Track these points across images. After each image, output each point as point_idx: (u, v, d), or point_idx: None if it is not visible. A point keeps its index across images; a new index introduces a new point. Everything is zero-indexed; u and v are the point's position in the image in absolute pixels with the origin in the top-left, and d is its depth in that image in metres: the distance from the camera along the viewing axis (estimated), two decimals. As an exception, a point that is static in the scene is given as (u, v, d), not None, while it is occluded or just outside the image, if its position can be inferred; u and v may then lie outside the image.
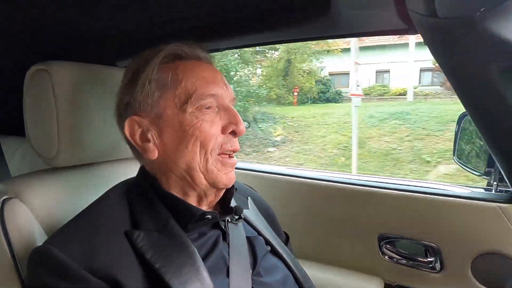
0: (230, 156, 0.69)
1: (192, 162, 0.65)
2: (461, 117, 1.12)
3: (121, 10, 0.97)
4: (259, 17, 0.99)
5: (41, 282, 0.56)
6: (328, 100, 12.45)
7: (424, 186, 1.11)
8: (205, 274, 0.59)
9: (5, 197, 0.73)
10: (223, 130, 0.67)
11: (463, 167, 1.17)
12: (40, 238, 0.71)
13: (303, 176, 1.28)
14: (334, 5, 0.81)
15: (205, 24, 1.10)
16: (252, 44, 1.17)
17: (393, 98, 12.00)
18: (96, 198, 0.69)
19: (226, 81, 0.71)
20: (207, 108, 0.66)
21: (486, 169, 1.01)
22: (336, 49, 12.24)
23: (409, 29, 0.84)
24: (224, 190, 0.72)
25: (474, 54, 0.72)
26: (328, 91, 12.87)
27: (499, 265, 0.93)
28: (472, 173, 1.10)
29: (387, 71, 13.14)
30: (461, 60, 0.75)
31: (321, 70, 13.30)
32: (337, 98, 12.56)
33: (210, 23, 1.09)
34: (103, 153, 0.91)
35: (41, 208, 0.76)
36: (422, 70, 12.55)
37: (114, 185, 0.72)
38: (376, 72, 13.34)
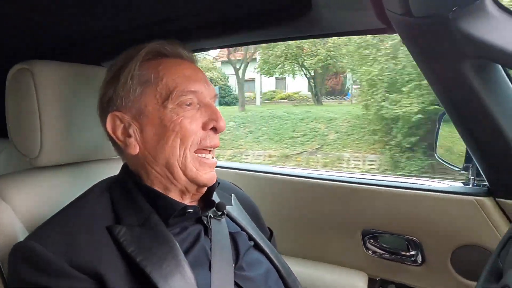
0: (210, 152, 0.70)
1: (172, 158, 0.66)
2: (441, 115, 1.15)
3: (107, 11, 0.97)
4: (242, 18, 1.00)
5: (23, 277, 0.56)
6: (226, 104, 15.67)
7: (405, 181, 1.14)
8: (186, 267, 0.60)
9: None
10: (204, 126, 0.68)
11: (444, 163, 1.21)
12: (22, 237, 0.71)
13: (288, 174, 1.30)
14: (315, 6, 0.83)
15: (189, 25, 1.11)
16: (236, 44, 1.19)
17: (278, 102, 15.22)
18: None
19: (208, 80, 0.73)
20: (188, 105, 0.67)
21: (464, 164, 1.05)
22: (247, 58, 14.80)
23: (387, 29, 0.86)
24: (206, 188, 0.73)
25: (448, 52, 0.75)
26: (228, 96, 16.18)
27: (477, 256, 0.96)
28: (452, 169, 1.14)
29: (284, 78, 15.83)
30: (436, 58, 0.78)
31: (228, 77, 16.45)
32: (234, 101, 15.53)
33: (195, 24, 1.10)
34: (86, 153, 0.91)
35: (23, 208, 0.76)
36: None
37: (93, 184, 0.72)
38: (276, 79, 16.15)
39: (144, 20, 1.08)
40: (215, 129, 0.69)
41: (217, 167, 0.75)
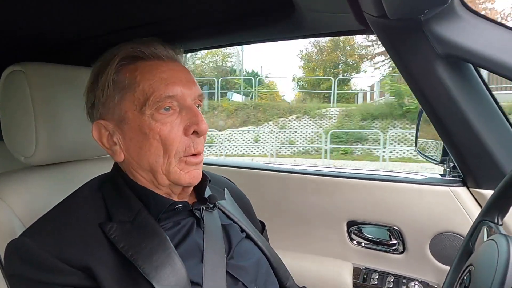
0: (196, 156, 0.68)
1: (155, 165, 0.65)
2: (421, 111, 1.21)
3: (94, 12, 0.99)
4: (230, 20, 1.04)
5: (17, 272, 0.59)
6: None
7: (385, 174, 1.20)
8: (176, 259, 0.61)
9: None
10: (185, 132, 0.66)
11: (424, 157, 1.27)
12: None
13: (274, 169, 1.34)
14: (298, 9, 0.87)
15: (177, 27, 1.14)
16: (224, 45, 1.23)
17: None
18: None
19: (191, 79, 0.70)
20: (167, 110, 0.64)
21: (442, 157, 1.11)
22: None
23: (366, 30, 0.91)
24: (192, 187, 0.73)
25: (421, 51, 0.81)
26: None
27: (452, 242, 1.02)
28: (431, 162, 1.20)
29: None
30: (411, 57, 0.83)
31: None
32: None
33: (183, 25, 1.13)
34: (80, 151, 0.94)
35: (21, 205, 0.78)
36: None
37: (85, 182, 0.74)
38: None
39: (132, 21, 1.11)
40: (197, 133, 0.66)
41: (206, 164, 0.77)
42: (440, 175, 1.13)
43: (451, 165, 1.07)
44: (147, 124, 0.64)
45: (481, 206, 0.98)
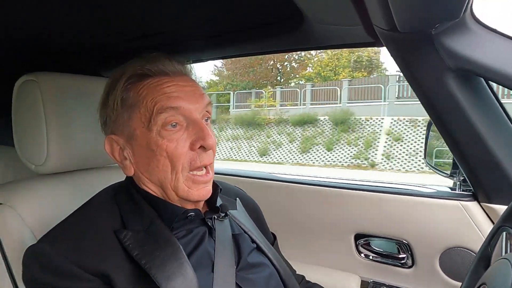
0: (204, 169, 0.69)
1: (164, 181, 0.67)
2: (430, 124, 1.20)
3: (101, 22, 1.01)
4: (237, 31, 1.05)
5: (34, 277, 0.60)
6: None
7: (395, 186, 1.19)
8: (188, 268, 0.62)
9: None
10: (192, 147, 0.66)
11: (433, 169, 1.26)
12: (30, 242, 0.73)
13: (284, 179, 1.34)
14: (308, 21, 0.88)
15: (186, 37, 1.15)
16: (234, 55, 1.24)
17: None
18: (83, 203, 0.71)
19: (199, 92, 0.69)
20: (173, 126, 0.65)
21: (452, 170, 1.10)
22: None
23: (376, 42, 0.91)
24: (203, 201, 0.74)
25: (431, 65, 0.81)
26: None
27: (463, 258, 1.01)
28: (441, 174, 1.19)
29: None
30: (421, 70, 0.83)
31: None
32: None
33: (191, 36, 1.14)
34: (89, 160, 0.94)
35: (30, 213, 0.79)
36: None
37: (99, 191, 0.75)
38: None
39: (140, 31, 1.12)
40: (204, 147, 0.66)
41: (216, 174, 0.77)
42: (450, 188, 1.11)
43: (461, 178, 1.06)
44: (154, 141, 0.65)
45: (492, 221, 0.96)
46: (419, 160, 10.31)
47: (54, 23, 0.98)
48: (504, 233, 0.62)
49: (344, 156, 11.83)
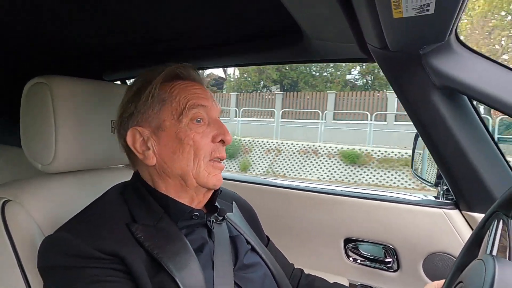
0: (220, 162, 0.78)
1: (186, 168, 0.74)
2: (417, 135, 1.26)
3: (107, 28, 1.05)
4: (240, 41, 1.11)
5: (51, 264, 0.64)
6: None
7: (383, 194, 1.25)
8: (196, 263, 0.68)
9: (5, 199, 0.79)
10: (213, 139, 0.76)
11: (419, 179, 1.33)
12: (39, 238, 0.76)
13: (276, 185, 1.39)
14: (306, 37, 0.94)
15: (188, 45, 1.20)
16: (235, 64, 1.29)
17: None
18: (89, 202, 0.76)
19: (214, 99, 0.82)
20: (198, 121, 0.75)
21: (436, 180, 1.17)
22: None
23: (368, 59, 0.98)
24: (212, 191, 0.81)
25: (419, 82, 0.87)
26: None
27: (444, 263, 1.07)
28: (426, 184, 1.25)
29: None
30: (409, 86, 0.90)
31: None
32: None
33: (193, 44, 1.19)
34: (95, 161, 0.98)
35: (38, 210, 0.82)
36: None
37: (105, 190, 0.79)
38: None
39: (143, 38, 1.17)
40: (223, 142, 0.77)
41: None
42: (434, 197, 1.18)
43: (445, 188, 1.13)
44: (183, 131, 0.74)
45: (472, 228, 1.03)
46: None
47: (66, 30, 1.02)
48: (496, 219, 0.64)
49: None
